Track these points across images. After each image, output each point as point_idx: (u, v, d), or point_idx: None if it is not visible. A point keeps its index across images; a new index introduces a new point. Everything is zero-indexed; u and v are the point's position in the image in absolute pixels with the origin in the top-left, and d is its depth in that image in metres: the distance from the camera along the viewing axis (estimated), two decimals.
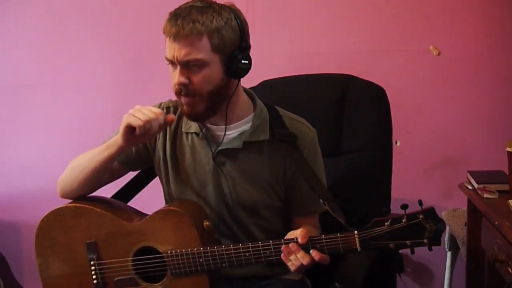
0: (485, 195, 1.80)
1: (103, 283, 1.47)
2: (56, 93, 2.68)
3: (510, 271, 1.48)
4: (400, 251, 1.64)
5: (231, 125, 1.49)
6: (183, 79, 1.37)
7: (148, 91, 2.55)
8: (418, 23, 2.42)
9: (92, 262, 1.46)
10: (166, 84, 1.48)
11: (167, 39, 1.38)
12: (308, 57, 2.48)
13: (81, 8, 2.62)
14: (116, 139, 1.43)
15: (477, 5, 2.39)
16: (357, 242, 1.30)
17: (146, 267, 1.45)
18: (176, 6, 1.40)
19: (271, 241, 1.36)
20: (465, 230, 2.09)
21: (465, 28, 2.40)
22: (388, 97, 1.83)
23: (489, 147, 2.39)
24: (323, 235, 1.33)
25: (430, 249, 1.28)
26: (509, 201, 1.66)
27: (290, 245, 1.34)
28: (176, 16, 1.36)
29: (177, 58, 1.36)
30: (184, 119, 1.54)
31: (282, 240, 1.36)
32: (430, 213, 1.27)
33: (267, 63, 2.34)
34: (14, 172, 2.72)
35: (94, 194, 1.56)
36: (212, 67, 1.38)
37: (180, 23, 1.34)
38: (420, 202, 1.28)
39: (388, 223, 1.28)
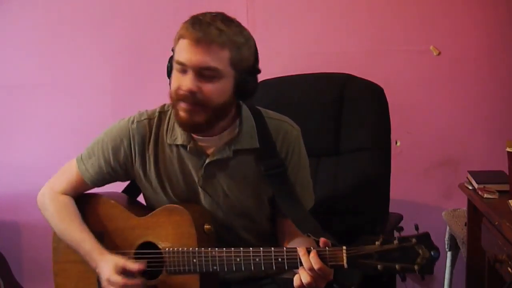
0: (485, 195, 1.80)
1: None
2: (56, 93, 2.68)
3: (510, 271, 1.47)
4: None
5: (217, 136, 1.45)
6: (193, 87, 1.32)
7: (148, 91, 2.54)
8: (418, 23, 2.42)
9: None
10: (166, 84, 1.48)
11: (184, 42, 1.32)
12: (308, 57, 2.48)
13: (81, 8, 2.62)
14: (88, 257, 1.44)
15: (477, 5, 2.39)
16: (344, 258, 1.24)
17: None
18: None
19: (261, 248, 1.33)
20: (465, 230, 2.09)
21: (465, 28, 2.40)
22: (388, 97, 1.83)
23: (489, 147, 2.39)
24: (312, 247, 1.28)
25: (423, 278, 1.21)
26: (509, 201, 1.66)
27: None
28: (200, 21, 1.30)
29: (193, 63, 1.31)
30: (167, 130, 1.48)
31: (272, 248, 1.33)
32: (424, 238, 1.19)
33: (267, 63, 2.33)
34: (14, 172, 2.71)
35: (106, 190, 1.59)
36: (225, 81, 1.34)
37: (205, 29, 1.29)
38: (416, 227, 1.22)
39: (379, 242, 1.21)
